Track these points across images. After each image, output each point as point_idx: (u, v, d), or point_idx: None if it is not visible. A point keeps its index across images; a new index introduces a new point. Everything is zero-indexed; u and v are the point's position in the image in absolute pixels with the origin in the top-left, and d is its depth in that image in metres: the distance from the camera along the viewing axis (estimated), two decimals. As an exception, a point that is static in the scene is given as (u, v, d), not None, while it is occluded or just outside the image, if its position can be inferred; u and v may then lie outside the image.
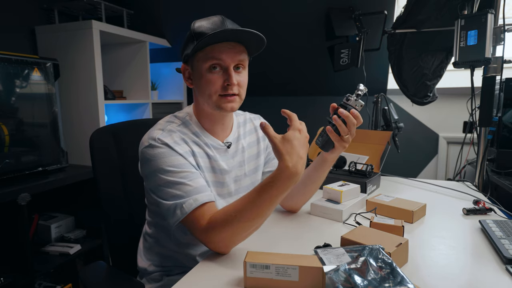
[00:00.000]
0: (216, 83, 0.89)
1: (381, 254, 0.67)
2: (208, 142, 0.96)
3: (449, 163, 2.43)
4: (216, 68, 0.88)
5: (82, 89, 2.01)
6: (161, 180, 0.85)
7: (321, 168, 1.02)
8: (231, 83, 0.88)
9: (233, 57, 0.88)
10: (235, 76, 0.89)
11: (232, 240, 0.82)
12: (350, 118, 0.89)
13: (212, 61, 0.87)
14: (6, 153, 1.60)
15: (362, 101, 0.91)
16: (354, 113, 0.90)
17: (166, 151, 0.87)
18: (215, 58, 0.87)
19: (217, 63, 0.88)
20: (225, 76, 0.88)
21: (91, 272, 1.00)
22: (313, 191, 1.08)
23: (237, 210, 0.79)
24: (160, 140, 0.87)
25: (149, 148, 0.88)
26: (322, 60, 2.17)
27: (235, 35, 0.87)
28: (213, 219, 0.81)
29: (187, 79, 0.97)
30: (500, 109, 1.68)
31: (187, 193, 0.83)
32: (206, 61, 0.88)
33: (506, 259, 0.79)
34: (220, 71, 0.89)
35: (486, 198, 1.31)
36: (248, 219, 0.79)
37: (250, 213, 0.78)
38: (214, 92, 0.89)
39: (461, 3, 1.60)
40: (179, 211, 0.82)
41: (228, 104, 0.90)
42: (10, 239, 1.64)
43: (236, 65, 0.90)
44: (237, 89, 0.90)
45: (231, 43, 0.88)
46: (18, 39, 2.03)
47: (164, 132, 0.90)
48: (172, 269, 1.00)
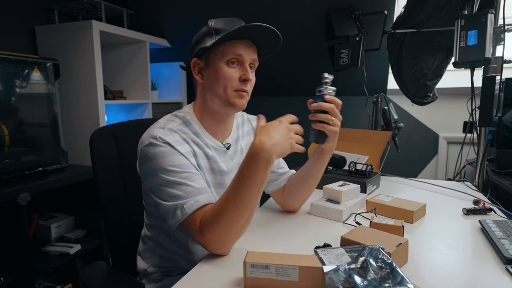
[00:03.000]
0: (233, 77, 0.91)
1: (381, 254, 0.67)
2: (208, 142, 0.95)
3: (449, 163, 2.43)
4: (234, 63, 0.91)
5: (82, 89, 2.01)
6: (161, 179, 0.84)
7: (319, 160, 1.02)
8: (248, 78, 0.91)
9: (250, 55, 0.92)
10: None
11: (226, 236, 0.81)
12: (325, 105, 0.93)
13: (232, 56, 0.90)
14: (6, 153, 1.60)
15: (333, 87, 0.94)
16: (328, 98, 0.93)
17: (167, 150, 0.85)
18: (235, 53, 0.90)
19: (235, 58, 0.90)
20: (242, 72, 0.91)
21: (91, 272, 1.00)
22: (312, 186, 1.08)
23: (222, 201, 0.80)
24: (161, 138, 0.86)
25: (149, 147, 0.86)
26: (322, 60, 2.17)
27: (258, 32, 0.89)
28: (204, 218, 0.81)
29: (197, 73, 0.96)
30: (500, 109, 1.68)
31: (188, 194, 0.83)
32: (226, 55, 0.90)
33: (506, 259, 0.79)
34: (237, 66, 0.91)
35: (486, 198, 1.31)
36: (234, 208, 0.78)
37: (234, 201, 0.78)
38: (230, 86, 0.91)
39: (461, 3, 1.60)
40: (180, 212, 0.82)
41: (240, 100, 0.92)
42: (10, 239, 1.64)
43: (250, 63, 0.93)
44: (250, 88, 0.93)
45: (248, 42, 0.92)
46: (18, 39, 2.03)
47: (165, 131, 0.89)
48: (172, 269, 0.99)
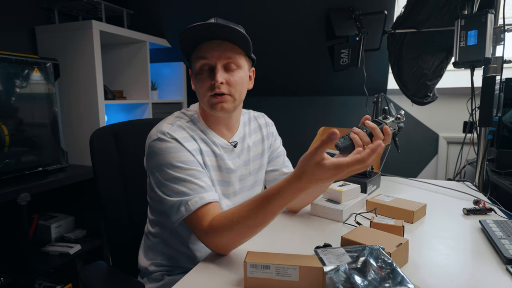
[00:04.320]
0: (205, 83, 0.89)
1: (381, 254, 0.67)
2: (215, 140, 0.96)
3: (449, 163, 2.43)
4: (204, 68, 0.89)
5: (82, 89, 2.01)
6: (167, 175, 0.84)
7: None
8: (215, 81, 0.87)
9: (219, 55, 0.88)
10: (223, 75, 0.88)
11: (233, 244, 0.82)
12: (377, 130, 0.87)
13: (201, 61, 0.89)
14: (6, 153, 1.60)
15: (398, 126, 0.92)
16: (386, 130, 0.88)
17: (175, 146, 0.86)
18: (202, 58, 0.88)
19: (205, 63, 0.88)
20: (212, 76, 0.88)
21: (91, 272, 1.00)
22: (317, 194, 1.09)
23: (240, 216, 0.77)
24: (169, 134, 0.87)
25: (157, 142, 0.87)
26: (322, 60, 2.17)
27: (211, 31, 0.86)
28: (215, 222, 0.80)
29: (192, 81, 0.97)
30: (500, 109, 1.68)
31: (193, 191, 0.83)
32: (197, 61, 0.90)
33: (506, 259, 0.79)
34: (207, 71, 0.89)
35: (486, 198, 1.31)
36: (251, 227, 0.78)
37: (253, 221, 0.77)
38: (204, 92, 0.90)
39: (461, 3, 1.60)
40: (184, 208, 0.82)
41: (218, 104, 0.89)
42: (10, 239, 1.64)
43: (226, 63, 0.89)
44: (227, 88, 0.89)
45: (217, 41, 0.88)
46: (18, 39, 2.03)
47: (174, 127, 0.90)
48: (173, 269, 0.99)
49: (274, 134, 1.15)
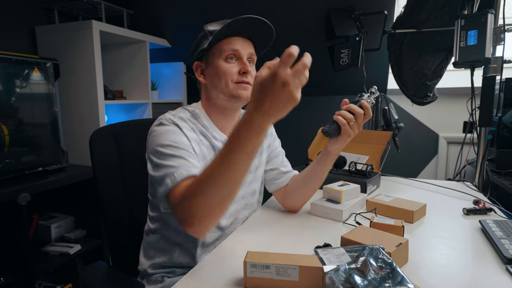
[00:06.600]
0: (232, 71, 0.94)
1: (381, 254, 0.67)
2: (216, 135, 0.98)
3: (449, 163, 2.43)
4: (233, 58, 0.95)
5: (82, 89, 2.01)
6: (159, 154, 0.86)
7: (323, 162, 1.03)
8: (247, 70, 0.94)
9: (246, 49, 0.96)
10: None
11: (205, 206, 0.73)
12: (355, 106, 0.94)
13: (228, 52, 0.94)
14: (6, 153, 1.60)
15: (374, 101, 0.99)
16: (364, 105, 0.95)
17: (173, 129, 0.90)
18: (230, 49, 0.94)
19: (232, 54, 0.95)
20: (241, 65, 0.95)
21: (91, 272, 1.00)
22: (314, 188, 1.09)
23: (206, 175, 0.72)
24: (171, 120, 0.91)
25: (158, 126, 0.91)
26: (322, 60, 2.17)
27: (250, 26, 0.94)
28: (185, 187, 0.78)
29: (199, 75, 1.01)
30: (500, 109, 1.68)
31: (181, 165, 0.83)
32: (222, 53, 0.94)
33: (506, 259, 0.79)
34: (235, 61, 0.95)
35: (486, 198, 1.31)
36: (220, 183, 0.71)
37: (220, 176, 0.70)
38: (230, 79, 0.93)
39: (461, 3, 1.60)
40: (169, 180, 0.81)
41: (244, 91, 0.94)
42: (10, 239, 1.64)
43: (248, 58, 0.96)
44: (251, 79, 0.95)
45: (242, 38, 0.96)
46: (18, 39, 2.03)
47: (176, 117, 0.93)
48: (173, 270, 0.99)
49: (273, 134, 1.19)
